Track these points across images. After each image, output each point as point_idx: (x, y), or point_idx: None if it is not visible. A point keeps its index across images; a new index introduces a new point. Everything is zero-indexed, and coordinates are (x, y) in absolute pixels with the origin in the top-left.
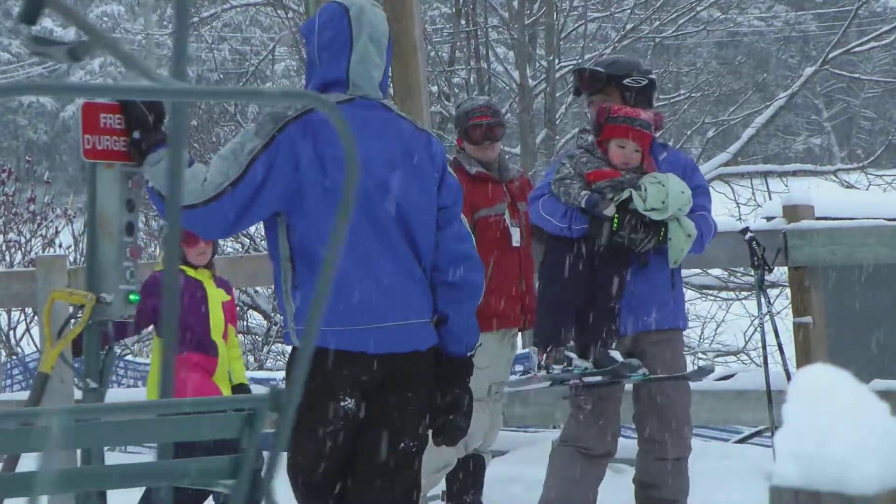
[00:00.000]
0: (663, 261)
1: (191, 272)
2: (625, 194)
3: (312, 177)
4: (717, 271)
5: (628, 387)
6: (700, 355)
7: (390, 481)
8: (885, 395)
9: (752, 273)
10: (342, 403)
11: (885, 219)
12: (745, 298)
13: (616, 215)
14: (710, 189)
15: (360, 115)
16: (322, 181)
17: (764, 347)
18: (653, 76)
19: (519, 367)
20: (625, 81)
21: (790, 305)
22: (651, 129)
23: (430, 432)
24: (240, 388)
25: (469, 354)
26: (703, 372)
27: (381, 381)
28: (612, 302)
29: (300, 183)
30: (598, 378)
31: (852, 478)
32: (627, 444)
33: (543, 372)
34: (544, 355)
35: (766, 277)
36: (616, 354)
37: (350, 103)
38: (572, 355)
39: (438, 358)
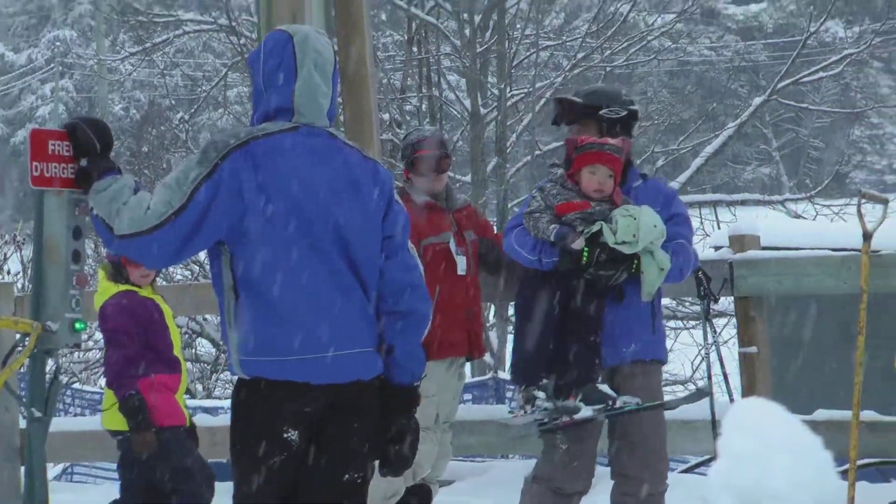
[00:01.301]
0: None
1: (142, 292)
2: (595, 227)
3: (255, 206)
4: (665, 300)
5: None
6: None
7: None
8: (828, 425)
9: (699, 303)
10: (286, 435)
11: (830, 249)
12: (693, 328)
13: (586, 248)
14: None
15: (305, 143)
16: (265, 210)
17: (710, 377)
18: (634, 107)
19: (468, 396)
20: (600, 112)
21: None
22: (621, 154)
23: (376, 462)
24: None
25: (415, 384)
26: (691, 398)
27: (325, 412)
28: (593, 337)
29: (243, 212)
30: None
31: None
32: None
33: (522, 411)
34: (520, 394)
35: (713, 307)
36: (605, 388)
37: (295, 131)
38: (539, 394)
39: (384, 387)
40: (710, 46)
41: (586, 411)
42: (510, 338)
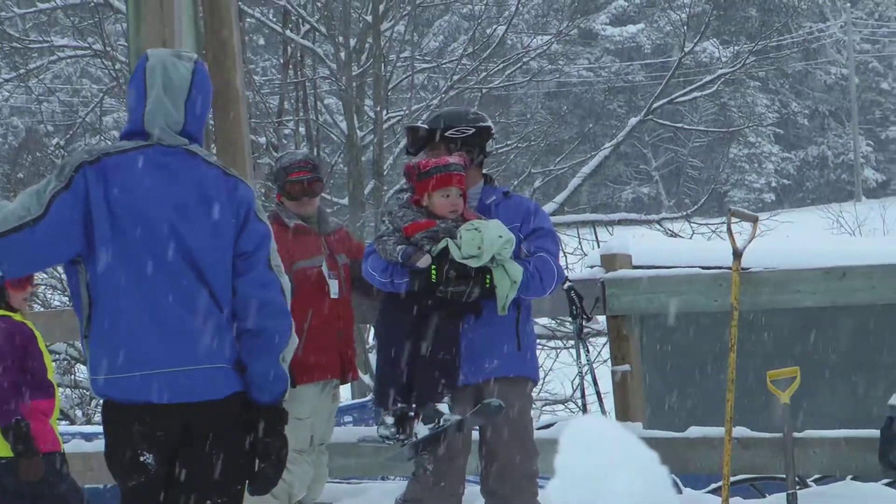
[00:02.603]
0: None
1: (16, 316)
2: (441, 244)
3: (105, 222)
4: (544, 320)
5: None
6: None
7: None
8: (701, 441)
9: (572, 322)
10: (141, 458)
11: (701, 267)
12: (572, 347)
13: (433, 266)
14: None
15: (157, 160)
16: (114, 226)
17: (583, 396)
18: (483, 123)
19: (348, 418)
20: (446, 134)
21: None
22: (463, 170)
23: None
24: None
25: (277, 402)
26: (490, 410)
27: (182, 434)
28: (442, 354)
29: (93, 227)
30: (426, 433)
31: None
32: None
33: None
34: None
35: (591, 326)
36: (444, 407)
37: (149, 149)
38: (388, 419)
39: (247, 406)
40: (589, 67)
41: (423, 430)
42: None
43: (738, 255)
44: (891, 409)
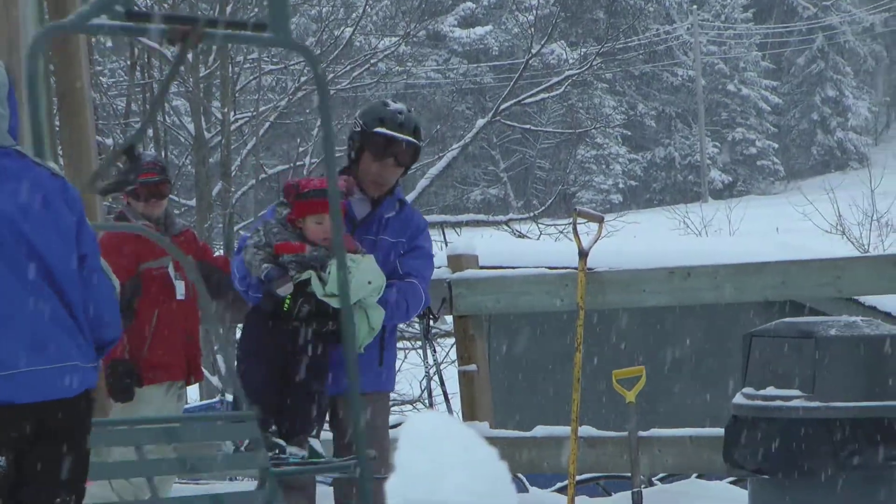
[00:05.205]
0: None
1: None
2: (305, 275)
3: None
4: None
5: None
6: None
7: None
8: (547, 440)
9: (419, 322)
10: None
11: (547, 267)
12: (420, 348)
13: (288, 297)
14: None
15: None
16: None
17: (430, 396)
18: None
19: None
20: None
21: None
22: (344, 197)
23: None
24: None
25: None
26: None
27: (34, 434)
28: (315, 386)
29: None
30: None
31: None
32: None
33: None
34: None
35: (438, 326)
36: (316, 444)
37: None
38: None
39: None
40: (437, 69)
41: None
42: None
43: (583, 255)
44: (735, 407)
